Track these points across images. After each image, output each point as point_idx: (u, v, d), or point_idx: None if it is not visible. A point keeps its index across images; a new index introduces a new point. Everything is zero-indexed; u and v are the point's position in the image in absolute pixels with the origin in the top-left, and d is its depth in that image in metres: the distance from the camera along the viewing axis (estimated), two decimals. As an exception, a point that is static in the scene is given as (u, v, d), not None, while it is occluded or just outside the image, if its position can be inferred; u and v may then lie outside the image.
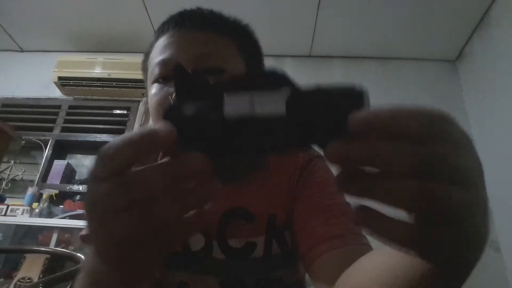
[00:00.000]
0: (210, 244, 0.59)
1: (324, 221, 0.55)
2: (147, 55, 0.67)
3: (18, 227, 2.01)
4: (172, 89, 0.56)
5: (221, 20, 0.65)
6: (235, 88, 0.25)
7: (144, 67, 0.68)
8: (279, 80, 0.25)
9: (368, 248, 0.51)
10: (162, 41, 0.61)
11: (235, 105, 0.24)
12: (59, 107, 2.55)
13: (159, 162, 0.25)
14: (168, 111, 0.25)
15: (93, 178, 0.25)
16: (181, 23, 0.61)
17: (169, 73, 0.59)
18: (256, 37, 0.69)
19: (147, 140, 0.24)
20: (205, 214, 0.26)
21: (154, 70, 0.60)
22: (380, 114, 0.23)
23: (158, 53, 0.60)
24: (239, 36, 0.65)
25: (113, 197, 0.24)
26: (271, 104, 0.24)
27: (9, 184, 2.34)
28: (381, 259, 0.37)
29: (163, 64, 0.59)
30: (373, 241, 0.33)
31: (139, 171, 0.24)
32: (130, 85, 2.43)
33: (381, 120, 0.23)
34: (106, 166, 0.25)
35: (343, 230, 0.53)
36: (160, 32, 0.63)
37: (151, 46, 0.65)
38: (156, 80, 0.60)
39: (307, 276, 0.60)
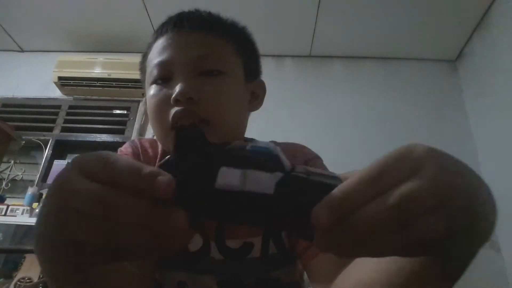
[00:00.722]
0: (208, 245, 0.59)
1: None
2: (145, 56, 0.66)
3: (18, 227, 2.01)
4: (171, 91, 0.56)
5: (219, 22, 0.65)
6: (232, 162, 0.26)
7: (142, 68, 0.67)
8: (274, 163, 0.26)
9: None
10: (160, 42, 0.61)
11: (227, 178, 0.25)
12: (59, 107, 2.55)
13: (144, 202, 0.24)
14: (165, 164, 0.26)
15: (84, 171, 0.25)
16: (180, 25, 0.61)
17: (168, 74, 0.58)
18: (254, 40, 0.69)
19: (148, 181, 0.24)
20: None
21: (152, 71, 0.60)
22: (336, 195, 0.24)
23: (157, 54, 0.60)
24: (237, 38, 0.65)
25: (91, 201, 0.24)
26: (262, 183, 0.25)
27: (9, 184, 2.34)
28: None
29: (162, 65, 0.59)
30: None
31: (126, 198, 0.24)
32: (130, 85, 2.43)
33: (342, 200, 0.24)
34: (103, 172, 0.25)
35: None
36: (158, 33, 0.63)
37: (149, 47, 0.65)
38: (154, 81, 0.60)
39: (305, 276, 0.61)
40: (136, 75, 2.39)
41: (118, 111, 2.54)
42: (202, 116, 0.55)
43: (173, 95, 0.54)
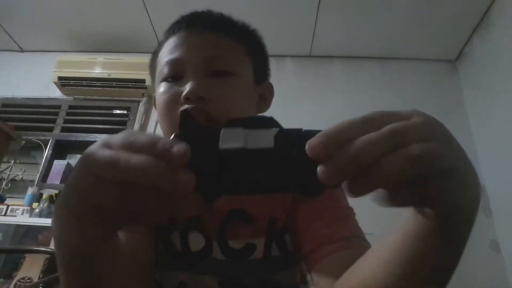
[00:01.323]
0: (210, 245, 0.59)
1: (329, 222, 0.55)
2: (155, 54, 0.67)
3: (18, 227, 2.01)
4: (181, 89, 0.56)
5: (231, 23, 0.66)
6: (232, 125, 0.28)
7: (152, 66, 0.68)
8: (269, 122, 0.28)
9: None
10: (172, 40, 0.62)
11: (230, 138, 0.27)
12: (59, 107, 2.55)
13: (155, 161, 0.26)
14: (177, 135, 0.28)
15: (107, 143, 0.28)
16: (192, 24, 0.62)
17: (178, 72, 0.59)
18: (264, 43, 0.70)
19: (165, 149, 0.26)
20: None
21: (163, 69, 0.60)
22: (330, 131, 0.26)
23: (168, 52, 0.61)
24: (248, 40, 0.66)
25: (107, 164, 0.26)
26: (262, 139, 0.27)
27: (9, 184, 2.34)
28: (382, 247, 0.38)
29: (173, 63, 0.59)
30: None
31: (138, 157, 0.26)
32: (130, 85, 2.44)
33: (334, 133, 0.26)
34: (124, 142, 0.27)
35: (347, 232, 0.53)
36: (170, 32, 0.64)
37: (160, 45, 0.65)
38: (165, 79, 0.60)
39: (308, 278, 0.60)
40: (136, 75, 2.41)
41: (118, 111, 2.54)
42: (211, 116, 0.55)
43: (183, 93, 0.55)
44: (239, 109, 0.59)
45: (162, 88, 0.60)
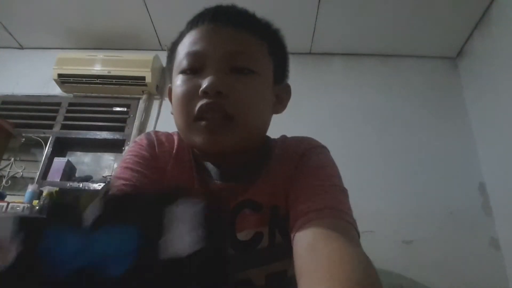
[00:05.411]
0: None
1: (306, 198, 0.54)
2: (175, 44, 0.66)
3: (19, 224, 2.01)
4: (201, 82, 0.55)
5: (255, 21, 0.65)
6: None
7: (171, 56, 0.67)
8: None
9: (346, 224, 0.49)
10: (195, 33, 0.61)
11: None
12: (59, 104, 2.55)
13: None
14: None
15: None
16: (216, 18, 0.61)
17: (198, 65, 0.58)
18: (285, 43, 0.70)
19: None
20: None
21: (182, 61, 0.60)
22: None
23: (190, 44, 0.60)
24: (271, 39, 0.65)
25: None
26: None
27: (9, 182, 2.34)
28: None
29: (194, 56, 0.59)
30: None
31: None
32: (130, 83, 2.43)
33: None
34: None
35: (321, 205, 0.52)
36: (193, 23, 0.63)
37: (181, 36, 0.64)
38: (183, 71, 0.60)
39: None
40: (136, 72, 2.40)
41: (118, 109, 2.53)
42: (228, 112, 0.55)
43: (202, 87, 0.54)
44: (256, 108, 0.59)
45: (179, 80, 0.59)
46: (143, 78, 2.39)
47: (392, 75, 2.50)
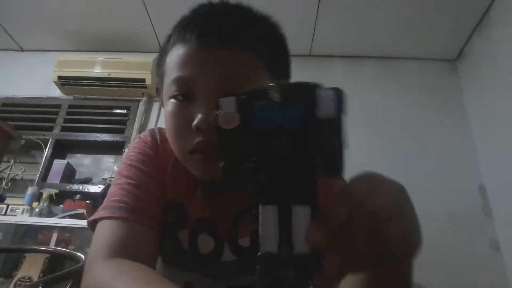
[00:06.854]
0: (220, 247, 0.59)
1: None
2: (161, 58, 0.60)
3: (18, 226, 2.01)
4: (193, 113, 0.52)
5: (253, 29, 0.57)
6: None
7: (159, 73, 0.61)
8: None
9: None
10: (183, 51, 0.54)
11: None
12: (59, 106, 2.55)
13: None
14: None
15: None
16: (206, 33, 0.53)
17: (189, 91, 0.53)
18: (287, 44, 0.65)
19: None
20: None
21: (171, 85, 0.54)
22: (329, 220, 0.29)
23: (177, 67, 0.54)
24: (270, 50, 0.58)
25: None
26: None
27: (9, 184, 2.34)
28: None
29: (183, 81, 0.53)
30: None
31: None
32: (130, 85, 2.43)
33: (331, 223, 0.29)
34: None
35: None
36: (180, 38, 0.55)
37: (167, 49, 0.58)
38: (173, 97, 0.55)
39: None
40: (136, 74, 2.41)
41: (118, 111, 2.53)
42: None
43: (195, 122, 0.50)
44: None
45: (171, 106, 0.55)
46: (143, 80, 2.40)
47: (391, 77, 2.51)
